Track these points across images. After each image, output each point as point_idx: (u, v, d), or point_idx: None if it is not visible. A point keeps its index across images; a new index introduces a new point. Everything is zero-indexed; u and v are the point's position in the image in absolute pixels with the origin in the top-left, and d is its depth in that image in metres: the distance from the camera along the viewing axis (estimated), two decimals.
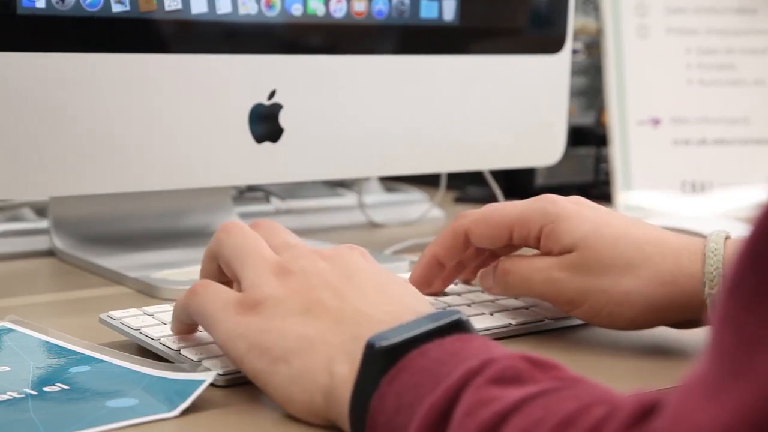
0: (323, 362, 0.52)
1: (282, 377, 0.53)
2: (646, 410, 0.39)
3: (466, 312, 0.71)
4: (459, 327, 0.51)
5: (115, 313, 0.66)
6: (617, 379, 0.64)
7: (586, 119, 1.27)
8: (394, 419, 0.48)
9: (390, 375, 0.49)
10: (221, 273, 0.61)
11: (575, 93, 1.24)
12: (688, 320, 0.66)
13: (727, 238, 0.65)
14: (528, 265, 0.68)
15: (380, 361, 0.49)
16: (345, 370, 0.51)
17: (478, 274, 0.73)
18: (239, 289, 0.58)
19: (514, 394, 0.44)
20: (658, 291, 0.64)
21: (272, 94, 0.88)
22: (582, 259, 0.66)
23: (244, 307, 0.55)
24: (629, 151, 1.16)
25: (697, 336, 0.68)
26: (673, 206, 1.15)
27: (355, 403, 0.50)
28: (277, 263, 0.57)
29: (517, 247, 0.71)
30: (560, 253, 0.67)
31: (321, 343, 0.53)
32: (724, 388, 0.35)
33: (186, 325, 0.62)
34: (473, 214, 0.70)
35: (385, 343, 0.49)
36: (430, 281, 0.73)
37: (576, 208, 0.68)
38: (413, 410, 0.47)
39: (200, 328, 0.63)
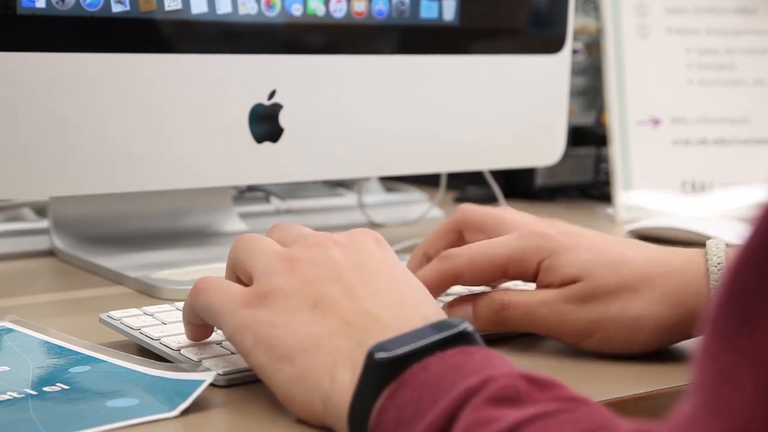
0: (327, 366, 0.52)
1: (285, 376, 0.53)
2: None
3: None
4: (463, 337, 0.50)
5: (115, 313, 0.66)
6: (617, 379, 0.64)
7: (586, 119, 1.27)
8: None
9: (391, 388, 0.49)
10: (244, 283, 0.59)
11: (575, 93, 1.24)
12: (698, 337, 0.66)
13: (727, 246, 0.65)
14: (529, 299, 0.66)
15: (380, 372, 0.49)
16: (346, 378, 0.51)
17: (446, 305, 0.69)
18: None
19: (512, 415, 0.44)
20: (668, 312, 0.64)
21: (272, 94, 0.88)
22: (587, 288, 0.64)
23: (253, 298, 0.55)
24: (629, 151, 1.16)
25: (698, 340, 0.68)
26: (673, 206, 1.15)
27: (354, 412, 0.50)
28: (286, 252, 0.57)
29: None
30: (560, 285, 0.65)
31: (327, 345, 0.52)
32: (704, 425, 0.34)
33: (198, 327, 0.61)
34: (460, 257, 0.67)
35: (385, 355, 0.49)
36: None
37: (569, 239, 0.66)
38: (412, 427, 0.46)
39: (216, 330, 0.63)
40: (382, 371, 0.49)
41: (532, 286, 0.68)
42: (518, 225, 0.68)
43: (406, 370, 0.49)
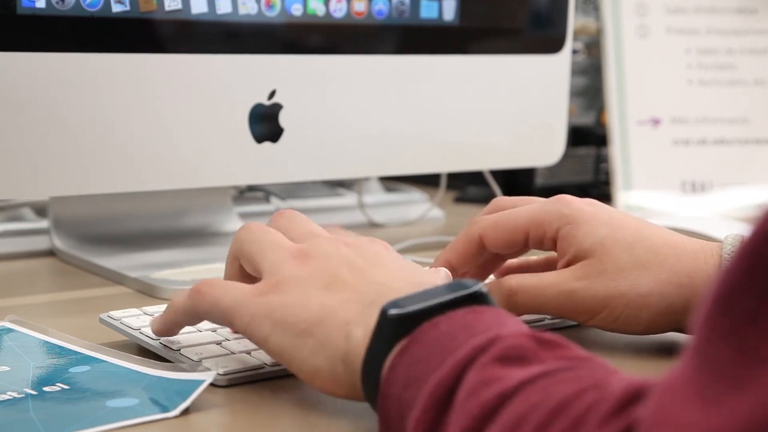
0: (341, 325, 0.52)
1: (308, 349, 0.53)
2: (632, 396, 0.39)
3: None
4: (475, 298, 0.50)
5: (115, 313, 0.66)
6: None
7: (586, 119, 1.27)
8: (403, 394, 0.48)
9: (402, 346, 0.49)
10: (245, 274, 0.60)
11: (575, 93, 1.24)
12: None
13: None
14: (538, 282, 0.67)
15: (393, 329, 0.50)
16: (360, 334, 0.51)
17: None
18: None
19: (517, 374, 0.44)
20: (675, 293, 0.64)
21: (272, 94, 0.88)
22: (599, 264, 0.65)
23: (264, 288, 0.55)
24: (629, 151, 1.16)
25: None
26: (673, 206, 1.15)
27: (367, 368, 0.50)
28: (298, 249, 0.57)
29: (524, 251, 0.71)
30: (575, 257, 0.66)
31: (341, 310, 0.53)
32: (721, 397, 0.34)
33: (172, 328, 0.61)
34: (486, 219, 0.69)
35: (398, 311, 0.49)
36: None
37: (591, 209, 0.67)
38: (420, 386, 0.47)
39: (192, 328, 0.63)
40: (395, 327, 0.49)
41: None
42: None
43: (417, 327, 0.49)
